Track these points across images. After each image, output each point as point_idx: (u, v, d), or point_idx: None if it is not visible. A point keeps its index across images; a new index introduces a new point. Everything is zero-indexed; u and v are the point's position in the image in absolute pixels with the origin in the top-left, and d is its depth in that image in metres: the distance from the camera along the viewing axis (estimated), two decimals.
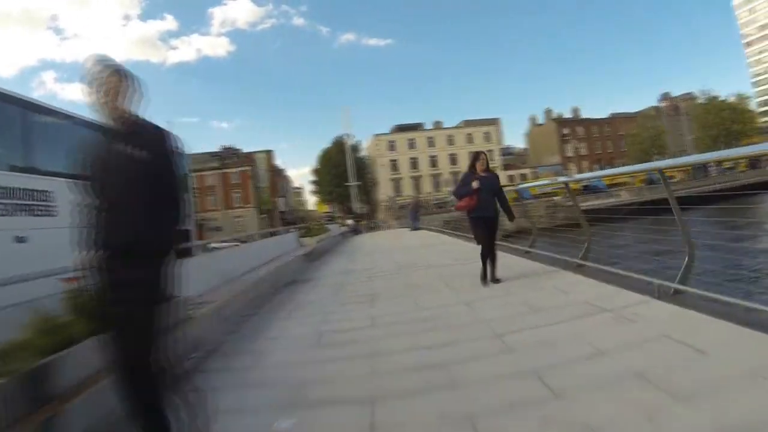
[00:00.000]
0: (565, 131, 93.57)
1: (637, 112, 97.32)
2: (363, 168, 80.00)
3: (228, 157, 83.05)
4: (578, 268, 7.81)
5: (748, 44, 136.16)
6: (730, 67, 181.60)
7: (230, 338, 6.15)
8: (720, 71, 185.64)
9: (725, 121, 75.45)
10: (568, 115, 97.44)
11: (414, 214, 29.29)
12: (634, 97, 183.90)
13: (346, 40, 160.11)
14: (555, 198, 50.13)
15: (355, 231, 40.18)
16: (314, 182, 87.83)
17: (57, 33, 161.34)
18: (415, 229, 27.62)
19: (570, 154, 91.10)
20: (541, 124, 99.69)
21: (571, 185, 9.84)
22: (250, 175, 79.95)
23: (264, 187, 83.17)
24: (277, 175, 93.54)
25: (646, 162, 76.45)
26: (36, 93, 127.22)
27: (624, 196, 55.61)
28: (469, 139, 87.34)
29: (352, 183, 55.54)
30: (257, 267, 11.23)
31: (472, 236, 8.44)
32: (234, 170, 79.83)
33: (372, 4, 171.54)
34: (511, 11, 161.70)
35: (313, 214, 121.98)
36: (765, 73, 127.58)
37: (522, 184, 56.06)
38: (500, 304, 6.31)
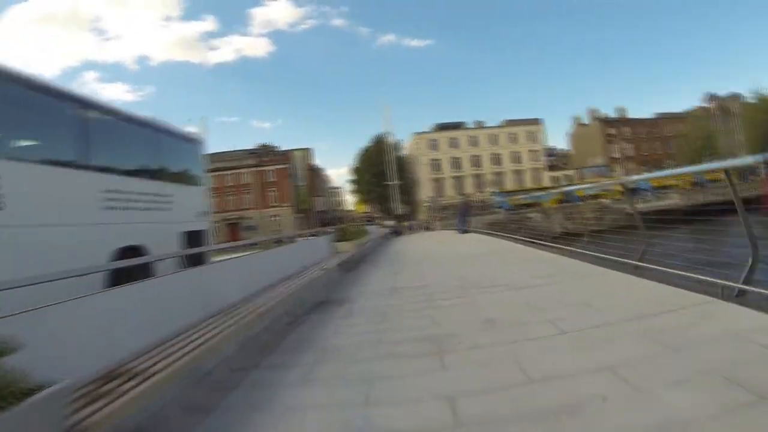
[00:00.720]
0: (611, 131, 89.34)
1: (683, 113, 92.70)
2: (403, 167, 77.23)
3: (265, 154, 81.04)
4: (739, 298, 4.97)
5: None
6: None
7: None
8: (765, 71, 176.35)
9: None
10: (612, 115, 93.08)
11: (463, 216, 26.35)
12: (676, 97, 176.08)
13: (387, 40, 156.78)
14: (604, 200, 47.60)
15: (396, 232, 37.75)
16: (353, 181, 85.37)
17: (99, 34, 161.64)
18: (464, 231, 24.51)
19: (616, 155, 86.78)
20: (585, 125, 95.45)
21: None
22: (287, 173, 77.81)
23: (301, 185, 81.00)
24: (315, 173, 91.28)
25: (697, 163, 73.82)
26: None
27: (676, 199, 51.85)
28: (513, 138, 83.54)
29: (393, 182, 52.44)
30: (271, 286, 8.37)
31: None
32: (271, 168, 77.86)
33: (413, 5, 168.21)
34: (548, 13, 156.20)
35: (352, 214, 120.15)
36: None
37: (571, 186, 52.24)
38: (686, 372, 3.34)
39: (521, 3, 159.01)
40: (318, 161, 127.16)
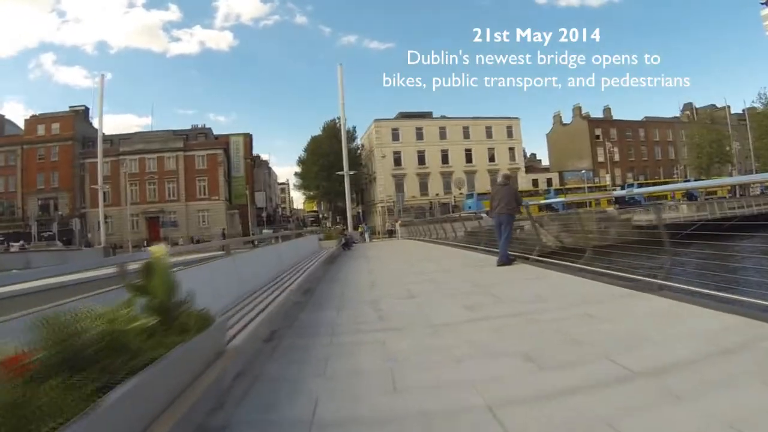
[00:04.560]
0: (597, 132, 79.20)
1: (671, 118, 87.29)
2: (357, 161, 65.22)
3: (194, 137, 68.05)
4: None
5: None
6: (755, 81, 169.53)
7: None
8: (744, 84, 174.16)
9: None
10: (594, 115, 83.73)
11: (507, 218, 10.92)
12: (649, 106, 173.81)
13: (348, 42, 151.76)
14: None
15: (347, 244, 24.64)
16: (298, 174, 72.96)
17: (60, 16, 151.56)
18: (507, 261, 10.66)
19: (601, 159, 76.65)
20: (566, 124, 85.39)
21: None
22: (220, 161, 65.01)
23: (238, 177, 68.49)
24: (258, 165, 78.75)
25: (707, 170, 66.65)
26: (32, 74, 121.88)
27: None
28: (488, 133, 72.58)
29: (344, 172, 39.20)
30: None
31: None
32: (201, 153, 65.12)
33: (376, 7, 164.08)
34: (513, 18, 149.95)
35: (300, 213, 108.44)
36: None
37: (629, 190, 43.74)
38: None
39: (488, 8, 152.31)
40: (272, 158, 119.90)
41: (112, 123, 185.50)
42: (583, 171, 72.92)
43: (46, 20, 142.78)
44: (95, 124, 69.03)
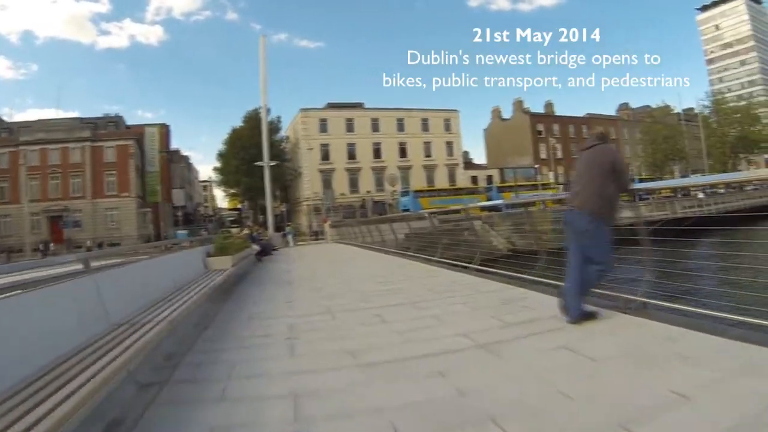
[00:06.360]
0: (540, 128, 77.51)
1: (614, 116, 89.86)
2: (282, 154, 60.97)
3: (104, 126, 62.43)
4: None
5: (710, 61, 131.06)
6: (690, 84, 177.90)
7: None
8: (678, 87, 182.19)
9: (742, 124, 66.87)
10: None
11: (588, 222, 4.96)
12: (582, 105, 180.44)
13: (278, 39, 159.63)
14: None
15: (264, 252, 19.04)
16: (218, 170, 68.18)
17: None
18: (583, 313, 4.99)
19: (543, 155, 74.84)
20: (506, 119, 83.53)
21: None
22: (132, 153, 59.51)
23: (153, 172, 63.20)
24: (175, 159, 73.41)
25: (662, 167, 66.02)
26: None
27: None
28: (425, 126, 69.97)
29: (266, 163, 34.58)
30: None
31: None
32: (110, 144, 59.45)
33: (306, 6, 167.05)
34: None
35: (221, 212, 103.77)
36: (727, 92, 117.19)
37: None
38: None
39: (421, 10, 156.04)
40: (198, 156, 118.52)
41: (36, 118, 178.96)
42: (533, 169, 71.11)
43: None
44: None
